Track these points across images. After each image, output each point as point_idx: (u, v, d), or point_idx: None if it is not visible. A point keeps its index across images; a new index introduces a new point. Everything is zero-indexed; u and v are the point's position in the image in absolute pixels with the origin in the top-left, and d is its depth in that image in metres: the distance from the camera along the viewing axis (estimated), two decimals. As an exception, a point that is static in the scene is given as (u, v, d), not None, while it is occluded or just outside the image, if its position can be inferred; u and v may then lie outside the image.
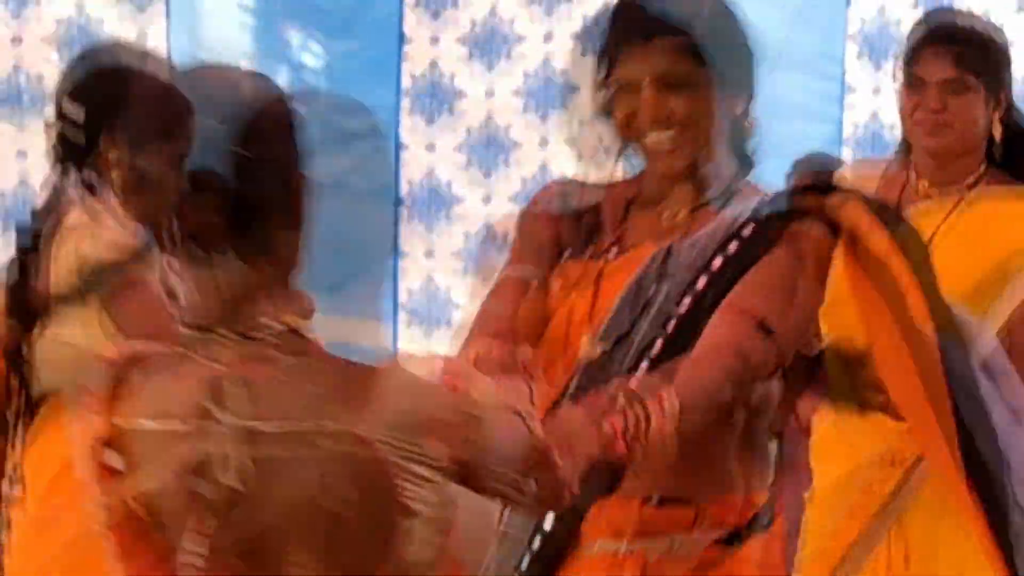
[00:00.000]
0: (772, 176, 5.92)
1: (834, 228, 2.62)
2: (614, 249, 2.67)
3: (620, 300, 2.62)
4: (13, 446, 3.36)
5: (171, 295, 3.25)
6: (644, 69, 2.56)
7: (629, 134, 2.62)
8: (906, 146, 3.69)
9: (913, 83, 3.54)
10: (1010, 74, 3.58)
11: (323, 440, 1.85)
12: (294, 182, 2.05)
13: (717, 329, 2.51)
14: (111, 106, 3.29)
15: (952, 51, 3.48)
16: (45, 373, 3.29)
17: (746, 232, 2.61)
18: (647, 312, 2.59)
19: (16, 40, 6.70)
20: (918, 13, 6.69)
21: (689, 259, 2.60)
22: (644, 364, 2.53)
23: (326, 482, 1.85)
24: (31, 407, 3.33)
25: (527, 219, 2.80)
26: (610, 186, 2.73)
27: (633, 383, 2.40)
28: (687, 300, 2.57)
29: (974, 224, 3.54)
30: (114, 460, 1.98)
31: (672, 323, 2.56)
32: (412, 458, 1.86)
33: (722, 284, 2.56)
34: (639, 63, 2.57)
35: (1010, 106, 3.57)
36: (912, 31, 3.65)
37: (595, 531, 2.62)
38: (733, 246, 2.59)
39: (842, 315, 3.37)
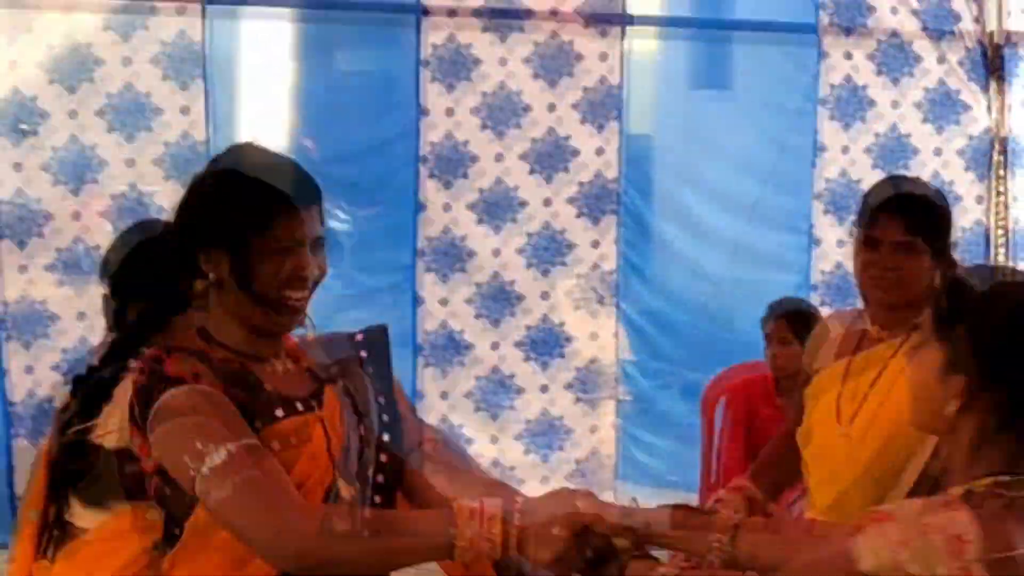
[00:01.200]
0: (750, 318, 6.21)
1: None
2: (313, 402, 2.63)
3: (343, 445, 2.67)
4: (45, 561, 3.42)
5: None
6: (306, 232, 2.57)
7: (271, 292, 2.56)
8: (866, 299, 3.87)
9: (869, 243, 3.59)
10: (952, 234, 3.67)
11: None
12: None
13: None
14: (132, 276, 3.35)
15: (904, 217, 3.53)
16: (84, 515, 3.32)
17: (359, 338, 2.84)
18: (364, 447, 2.69)
19: (76, 215, 6.80)
20: (877, 174, 7.05)
21: (359, 391, 2.74)
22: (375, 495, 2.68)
23: None
24: (64, 531, 3.35)
25: (205, 400, 2.50)
26: (216, 353, 2.60)
27: None
28: (377, 432, 2.72)
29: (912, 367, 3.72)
30: None
31: (383, 453, 2.73)
32: None
33: (385, 400, 2.78)
34: (301, 227, 2.57)
35: (951, 260, 3.63)
36: (868, 196, 3.71)
37: None
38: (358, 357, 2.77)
39: None
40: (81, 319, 6.79)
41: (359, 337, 2.82)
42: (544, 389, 7.28)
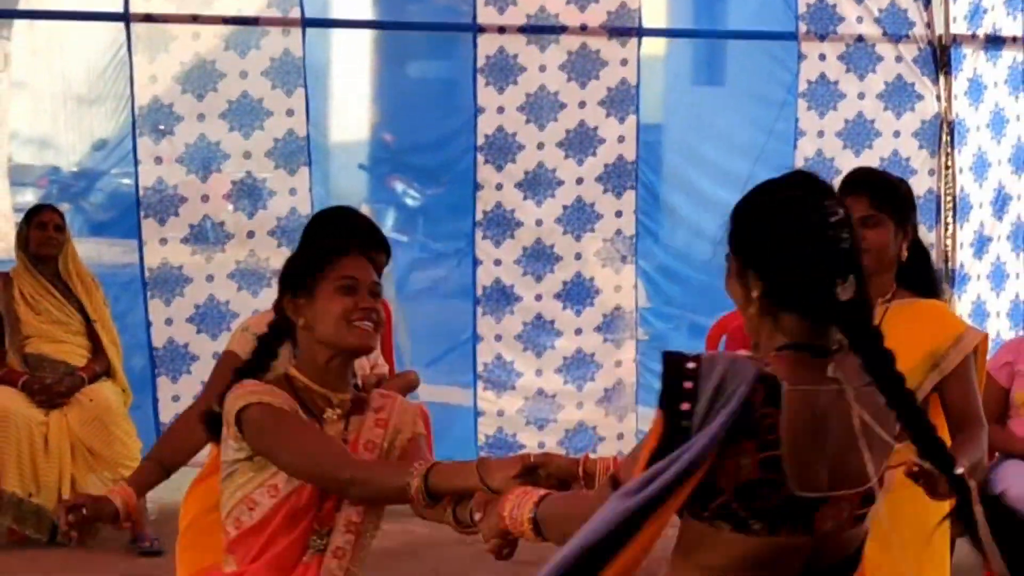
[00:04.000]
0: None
1: None
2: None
3: None
4: None
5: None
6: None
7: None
8: None
9: None
10: (915, 211, 3.65)
11: None
12: None
13: None
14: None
15: (866, 194, 3.51)
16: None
17: None
18: None
19: (204, 197, 7.13)
20: (847, 153, 7.33)
21: None
22: None
23: None
24: None
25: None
26: None
27: None
28: None
29: (898, 329, 3.45)
30: None
31: None
32: None
33: None
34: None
35: (915, 235, 3.62)
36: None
37: None
38: None
39: None
40: (209, 280, 7.11)
41: None
42: (578, 331, 7.41)
